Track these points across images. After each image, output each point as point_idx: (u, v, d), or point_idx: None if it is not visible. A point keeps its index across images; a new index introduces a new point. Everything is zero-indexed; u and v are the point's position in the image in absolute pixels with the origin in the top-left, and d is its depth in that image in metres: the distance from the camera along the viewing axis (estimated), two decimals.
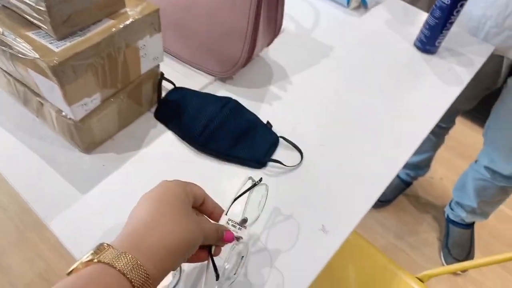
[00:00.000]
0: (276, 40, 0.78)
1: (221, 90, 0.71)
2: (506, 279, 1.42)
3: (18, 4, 0.45)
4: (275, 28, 0.72)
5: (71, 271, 0.30)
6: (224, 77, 0.73)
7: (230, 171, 0.59)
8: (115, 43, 0.48)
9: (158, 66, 0.60)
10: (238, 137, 0.60)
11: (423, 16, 0.96)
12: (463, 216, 1.40)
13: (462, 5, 0.77)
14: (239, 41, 0.65)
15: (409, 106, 0.74)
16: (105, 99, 0.53)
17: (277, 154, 0.62)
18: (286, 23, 0.86)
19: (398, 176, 1.55)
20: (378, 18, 0.95)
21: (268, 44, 0.76)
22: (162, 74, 0.63)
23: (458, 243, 1.44)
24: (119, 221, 0.51)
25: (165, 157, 0.59)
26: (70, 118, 0.51)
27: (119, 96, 0.55)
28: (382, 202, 1.56)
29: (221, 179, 0.58)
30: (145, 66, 0.57)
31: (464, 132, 1.88)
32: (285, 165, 0.60)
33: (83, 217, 0.51)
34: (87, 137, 0.56)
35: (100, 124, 0.56)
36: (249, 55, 0.68)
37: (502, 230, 1.56)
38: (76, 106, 0.49)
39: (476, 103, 1.16)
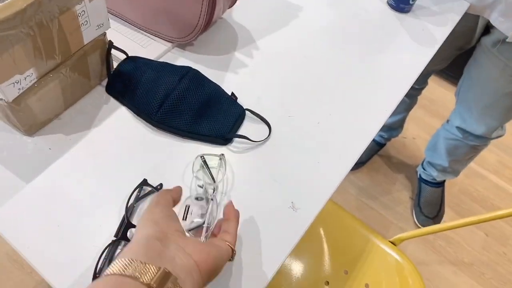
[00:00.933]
0: (240, 0, 0.71)
1: (180, 59, 0.65)
2: (475, 234, 1.47)
3: None
4: None
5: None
6: (183, 44, 0.66)
7: (192, 149, 0.54)
8: (44, 8, 0.41)
9: (104, 34, 0.53)
10: (199, 111, 0.55)
11: None
12: (435, 175, 1.42)
13: None
14: (197, 2, 0.58)
15: (382, 69, 0.71)
16: (42, 75, 0.47)
17: (243, 128, 0.58)
18: None
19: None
20: None
21: (231, 5, 0.70)
22: (110, 43, 0.56)
23: (429, 201, 1.47)
24: (67, 212, 0.47)
25: (120, 137, 0.54)
26: (1, 99, 0.44)
27: (60, 70, 0.49)
28: (356, 164, 1.55)
29: (181, 160, 0.53)
30: (88, 35, 0.50)
31: (437, 90, 1.88)
32: (252, 140, 0.56)
33: (27, 209, 0.46)
34: (27, 119, 0.49)
35: (41, 104, 0.49)
36: (210, 18, 0.61)
37: (471, 186, 1.60)
38: (6, 85, 0.42)
39: (450, 62, 1.13)
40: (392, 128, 1.48)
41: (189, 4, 0.59)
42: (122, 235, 0.44)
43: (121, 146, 0.53)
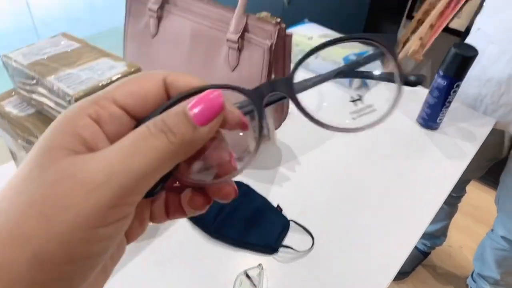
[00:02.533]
0: (283, 123, 0.82)
1: None
2: None
3: None
4: (281, 116, 0.77)
5: None
6: None
7: (242, 257, 0.60)
8: None
9: None
10: (249, 222, 0.62)
11: (424, 92, 1.01)
12: None
13: (458, 86, 0.81)
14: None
15: (416, 183, 0.76)
16: None
17: (289, 238, 0.63)
18: (292, 107, 0.91)
19: (415, 247, 1.51)
20: (380, 96, 1.00)
21: (276, 128, 0.81)
22: None
23: None
24: None
25: (179, 245, 0.61)
26: None
27: None
28: (400, 274, 1.50)
29: (231, 267, 0.58)
30: None
31: (480, 196, 1.86)
32: (296, 250, 0.60)
33: None
34: None
35: None
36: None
37: None
38: None
39: (485, 172, 1.16)
40: (435, 236, 1.45)
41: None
42: None
43: (180, 253, 0.60)
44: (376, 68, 0.28)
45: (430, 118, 0.87)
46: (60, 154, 0.18)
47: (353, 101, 0.26)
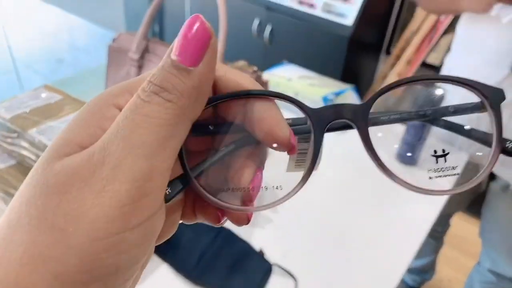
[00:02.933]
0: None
1: None
2: None
3: None
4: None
5: None
6: None
7: None
8: None
9: None
10: (231, 268, 0.62)
11: (401, 128, 1.04)
12: None
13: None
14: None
15: (397, 221, 0.77)
16: None
17: (272, 281, 0.63)
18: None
19: (405, 283, 1.50)
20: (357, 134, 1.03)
21: None
22: None
23: None
24: None
25: None
26: None
27: None
28: None
29: None
30: None
31: (465, 228, 1.87)
32: None
33: None
34: None
35: None
36: None
37: None
38: None
39: (467, 205, 1.18)
40: (424, 271, 1.45)
41: None
42: None
43: None
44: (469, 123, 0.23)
45: (407, 154, 0.89)
46: (69, 151, 0.16)
47: (436, 156, 0.22)
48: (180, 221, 0.21)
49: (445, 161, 0.22)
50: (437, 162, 0.22)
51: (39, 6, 3.62)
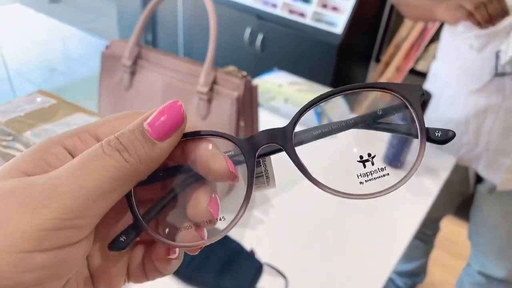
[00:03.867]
0: None
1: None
2: None
3: None
4: None
5: None
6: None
7: None
8: None
9: None
10: (223, 267, 0.63)
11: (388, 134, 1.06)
12: None
13: None
14: None
15: (385, 221, 0.79)
16: None
17: (263, 281, 0.64)
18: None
19: (396, 286, 1.51)
20: (349, 141, 1.05)
21: None
22: None
23: None
24: None
25: None
26: None
27: None
28: None
29: None
30: None
31: (457, 231, 1.89)
32: None
33: None
34: None
35: None
36: (231, 184, 0.74)
37: None
38: None
39: (456, 208, 1.21)
40: (415, 274, 1.46)
41: None
42: None
43: None
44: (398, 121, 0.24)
45: (394, 157, 0.91)
46: (12, 175, 0.17)
47: (362, 162, 0.22)
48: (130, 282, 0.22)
49: (373, 164, 0.22)
50: (365, 167, 0.22)
51: (33, 16, 3.63)
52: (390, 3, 1.75)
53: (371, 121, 0.22)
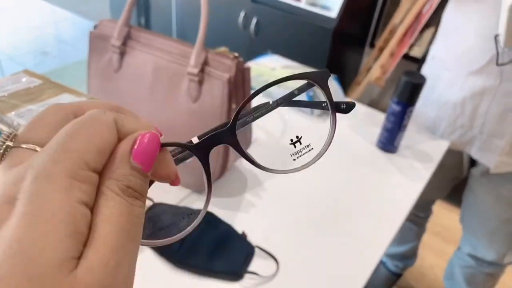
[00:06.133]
0: (248, 149, 0.85)
1: (197, 202, 0.75)
2: None
3: None
4: (245, 140, 0.79)
5: None
6: (200, 190, 0.77)
7: (207, 286, 0.60)
8: None
9: None
10: (214, 250, 0.63)
11: (383, 117, 1.06)
12: None
13: (411, 111, 0.86)
14: (213, 158, 0.71)
15: (377, 204, 0.79)
16: None
17: (254, 264, 0.64)
18: (257, 133, 0.94)
19: (387, 269, 1.53)
20: (342, 121, 1.05)
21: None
22: None
23: None
24: None
25: (142, 276, 0.61)
26: None
27: None
28: None
29: None
30: None
31: (448, 216, 1.91)
32: (262, 276, 0.61)
33: None
34: None
35: None
36: (223, 169, 0.73)
37: None
38: None
39: (449, 191, 1.21)
40: (406, 256, 1.48)
41: None
42: None
43: (142, 284, 0.60)
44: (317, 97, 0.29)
45: (388, 142, 0.91)
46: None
47: (293, 143, 0.28)
48: None
49: (300, 144, 0.28)
50: (295, 147, 0.27)
51: None
52: None
53: (291, 100, 0.27)
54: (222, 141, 0.23)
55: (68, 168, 0.17)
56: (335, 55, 1.74)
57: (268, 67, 1.03)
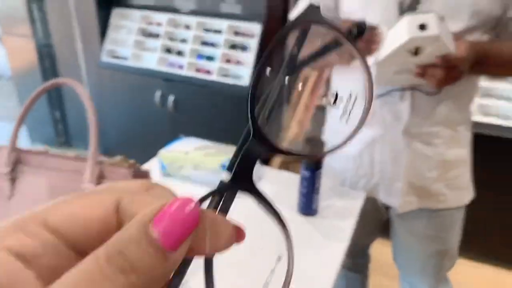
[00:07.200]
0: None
1: None
2: None
3: None
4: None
5: None
6: None
7: None
8: None
9: None
10: None
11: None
12: None
13: (320, 173, 0.91)
14: None
15: (306, 270, 0.79)
16: None
17: None
18: None
19: None
20: (263, 187, 1.07)
21: None
22: None
23: None
24: None
25: None
26: None
27: None
28: None
29: None
30: None
31: (384, 251, 1.97)
32: None
33: None
34: None
35: None
36: None
37: None
38: None
39: (378, 233, 1.26)
40: None
41: None
42: None
43: None
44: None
45: (307, 206, 0.94)
46: None
47: (334, 102, 0.22)
48: None
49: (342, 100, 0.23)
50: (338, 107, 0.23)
51: None
52: None
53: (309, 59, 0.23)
54: (259, 154, 0.17)
55: (19, 220, 0.15)
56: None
57: (182, 152, 1.05)
